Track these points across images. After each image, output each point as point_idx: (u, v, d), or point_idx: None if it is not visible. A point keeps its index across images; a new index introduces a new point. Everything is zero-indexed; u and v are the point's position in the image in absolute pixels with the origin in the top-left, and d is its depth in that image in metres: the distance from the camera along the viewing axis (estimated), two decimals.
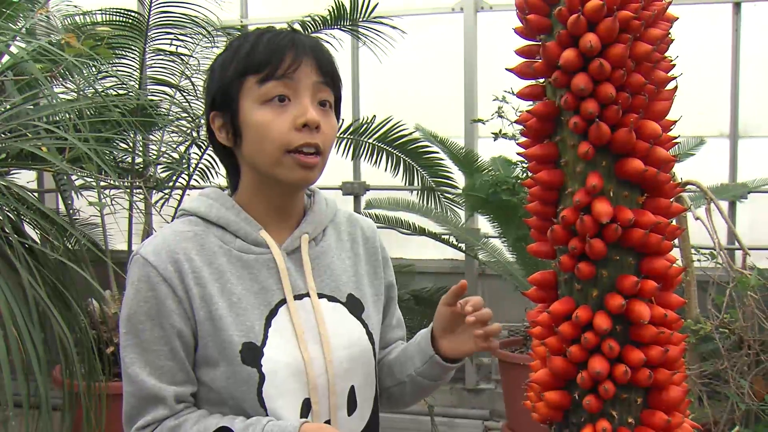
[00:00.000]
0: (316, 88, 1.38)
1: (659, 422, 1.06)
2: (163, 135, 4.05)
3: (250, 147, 1.38)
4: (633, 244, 1.04)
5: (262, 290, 1.40)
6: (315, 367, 1.38)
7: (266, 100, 1.35)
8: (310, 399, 1.38)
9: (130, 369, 1.35)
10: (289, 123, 1.34)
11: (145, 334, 1.35)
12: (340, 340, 1.43)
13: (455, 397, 4.84)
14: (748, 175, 4.38)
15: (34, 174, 4.42)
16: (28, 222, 2.71)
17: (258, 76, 1.35)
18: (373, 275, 1.56)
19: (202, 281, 1.36)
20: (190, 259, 1.37)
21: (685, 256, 3.27)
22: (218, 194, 1.46)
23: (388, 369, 1.60)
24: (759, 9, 4.42)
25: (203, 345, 1.36)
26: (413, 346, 1.56)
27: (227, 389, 1.36)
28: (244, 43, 1.39)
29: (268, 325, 1.37)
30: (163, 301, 1.34)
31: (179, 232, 1.40)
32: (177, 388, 1.36)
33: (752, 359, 3.28)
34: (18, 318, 2.18)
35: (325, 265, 1.48)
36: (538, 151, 1.10)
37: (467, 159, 4.28)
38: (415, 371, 1.54)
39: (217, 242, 1.40)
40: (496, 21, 4.72)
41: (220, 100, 1.40)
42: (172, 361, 1.35)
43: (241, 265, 1.40)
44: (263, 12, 5.14)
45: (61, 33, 3.36)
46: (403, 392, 1.59)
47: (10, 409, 2.12)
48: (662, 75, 1.05)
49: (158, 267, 1.35)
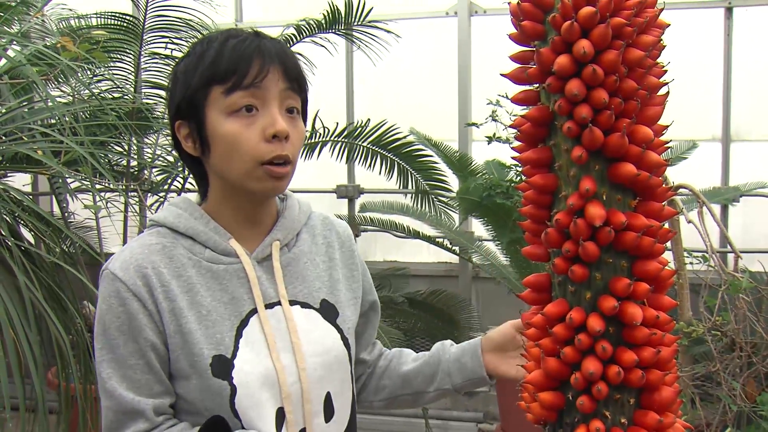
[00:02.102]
0: (283, 95, 1.35)
1: (651, 422, 1.07)
2: (158, 138, 4.05)
3: (219, 158, 1.36)
4: (626, 246, 1.05)
5: (233, 300, 1.38)
6: (287, 375, 1.37)
7: (233, 111, 1.32)
8: (284, 408, 1.37)
9: (108, 384, 1.34)
10: (258, 134, 1.32)
11: (120, 350, 1.34)
12: (313, 347, 1.42)
13: (449, 399, 4.84)
14: (740, 178, 4.41)
15: (29, 177, 4.41)
16: (24, 224, 2.72)
17: (224, 86, 1.32)
18: (350, 278, 1.55)
19: (171, 295, 1.35)
20: (158, 272, 1.35)
21: (677, 259, 3.29)
22: (187, 203, 1.44)
23: (403, 380, 1.61)
24: (751, 13, 4.45)
25: (175, 358, 1.35)
26: (452, 363, 1.57)
27: (201, 401, 1.35)
28: (208, 49, 1.35)
29: (239, 336, 1.36)
30: (135, 315, 1.33)
31: (147, 245, 1.38)
32: (155, 400, 1.35)
33: (744, 361, 3.30)
34: (15, 320, 2.19)
35: (297, 272, 1.46)
36: (532, 155, 1.11)
37: (461, 162, 4.29)
38: (453, 386, 1.56)
39: (186, 254, 1.38)
40: (490, 25, 4.74)
41: (186, 108, 1.37)
42: (148, 374, 1.34)
43: (211, 276, 1.38)
44: (258, 15, 5.15)
45: (57, 36, 3.36)
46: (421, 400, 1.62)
47: (7, 411, 2.12)
48: (654, 80, 1.07)
49: (127, 282, 1.34)
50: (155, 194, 4.07)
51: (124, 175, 3.94)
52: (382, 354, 1.68)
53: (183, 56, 1.42)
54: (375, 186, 4.80)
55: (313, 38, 4.01)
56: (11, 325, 2.17)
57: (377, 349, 1.68)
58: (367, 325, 1.64)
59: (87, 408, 2.56)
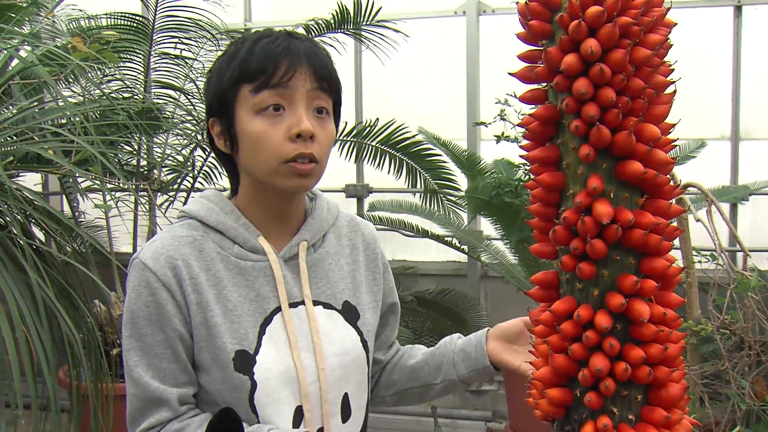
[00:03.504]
0: (311, 95, 1.36)
1: (659, 418, 1.07)
2: (168, 138, 4.07)
3: (246, 156, 1.38)
4: (633, 244, 1.06)
5: (258, 297, 1.40)
6: (307, 374, 1.39)
7: (261, 110, 1.34)
8: (302, 407, 1.39)
9: (134, 371, 1.36)
10: (283, 133, 1.34)
11: (147, 338, 1.36)
12: (333, 347, 1.43)
13: (458, 398, 4.85)
14: (749, 177, 4.39)
15: (40, 177, 4.44)
16: (36, 223, 2.74)
17: (252, 85, 1.34)
18: (372, 281, 1.56)
19: (199, 287, 1.37)
20: (188, 265, 1.37)
21: (686, 257, 3.29)
22: (218, 197, 1.46)
23: (410, 372, 1.62)
24: (760, 12, 4.44)
25: (198, 350, 1.38)
26: (457, 354, 1.57)
27: (220, 394, 1.37)
28: (240, 48, 1.37)
29: (262, 333, 1.38)
30: (164, 305, 1.36)
31: (178, 236, 1.40)
32: (180, 389, 1.37)
33: (753, 360, 3.29)
34: (27, 318, 2.20)
35: (322, 272, 1.48)
36: (540, 154, 1.11)
37: (470, 161, 4.30)
38: (458, 377, 1.56)
39: (215, 248, 1.40)
40: (499, 24, 4.74)
41: (217, 106, 1.39)
42: (174, 364, 1.37)
43: (238, 272, 1.40)
44: (267, 16, 5.16)
45: (67, 37, 3.38)
46: (429, 393, 1.61)
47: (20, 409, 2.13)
48: (661, 79, 1.07)
49: (157, 273, 1.36)
50: (165, 194, 4.09)
51: (134, 175, 3.96)
52: (397, 352, 1.69)
53: (220, 55, 1.44)
54: (384, 185, 4.81)
55: (321, 38, 4.02)
56: (23, 323, 2.19)
57: (393, 350, 1.69)
58: (385, 327, 1.65)
59: (98, 406, 2.58)
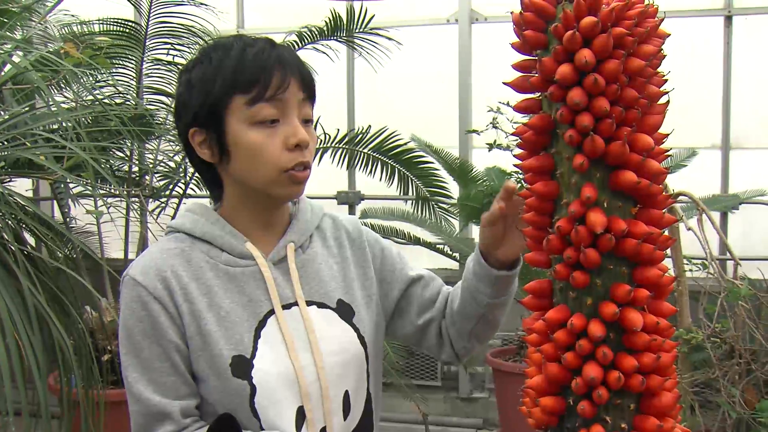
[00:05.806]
0: (301, 105, 1.38)
1: (651, 427, 1.08)
2: (160, 144, 4.06)
3: (242, 166, 1.37)
4: (626, 253, 1.06)
5: (250, 302, 1.40)
6: (307, 374, 1.39)
7: (257, 122, 1.34)
8: (303, 407, 1.38)
9: (134, 388, 1.36)
10: (281, 144, 1.35)
11: (145, 353, 1.36)
12: (331, 346, 1.43)
13: (449, 405, 4.85)
14: (740, 186, 4.42)
15: (31, 182, 4.42)
16: (27, 229, 2.73)
17: (246, 97, 1.33)
18: (363, 277, 1.55)
19: (190, 297, 1.37)
20: (177, 275, 1.38)
21: (677, 266, 3.29)
22: (202, 209, 1.46)
23: (461, 316, 1.53)
24: (750, 22, 4.47)
25: (195, 359, 1.37)
26: (471, 282, 1.48)
27: (220, 402, 1.37)
28: (226, 57, 1.36)
29: (257, 337, 1.38)
30: (157, 318, 1.36)
31: (166, 249, 1.41)
32: (182, 402, 1.36)
33: (743, 368, 3.30)
34: (18, 324, 2.19)
35: (312, 272, 1.48)
36: (534, 163, 1.12)
37: (462, 169, 4.31)
38: (489, 298, 1.47)
39: (203, 257, 1.41)
40: (491, 32, 4.76)
41: (205, 117, 1.37)
42: (174, 376, 1.36)
43: (228, 279, 1.40)
44: (259, 22, 5.16)
45: (59, 42, 3.38)
46: (487, 321, 1.52)
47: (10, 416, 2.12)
48: (655, 89, 1.08)
49: (148, 286, 1.36)
50: (157, 200, 4.08)
51: (126, 181, 3.95)
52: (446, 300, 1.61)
53: (193, 62, 1.41)
54: (376, 192, 4.81)
55: (314, 45, 4.03)
56: (14, 329, 2.18)
57: (440, 301, 1.60)
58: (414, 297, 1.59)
59: (89, 413, 2.57)
